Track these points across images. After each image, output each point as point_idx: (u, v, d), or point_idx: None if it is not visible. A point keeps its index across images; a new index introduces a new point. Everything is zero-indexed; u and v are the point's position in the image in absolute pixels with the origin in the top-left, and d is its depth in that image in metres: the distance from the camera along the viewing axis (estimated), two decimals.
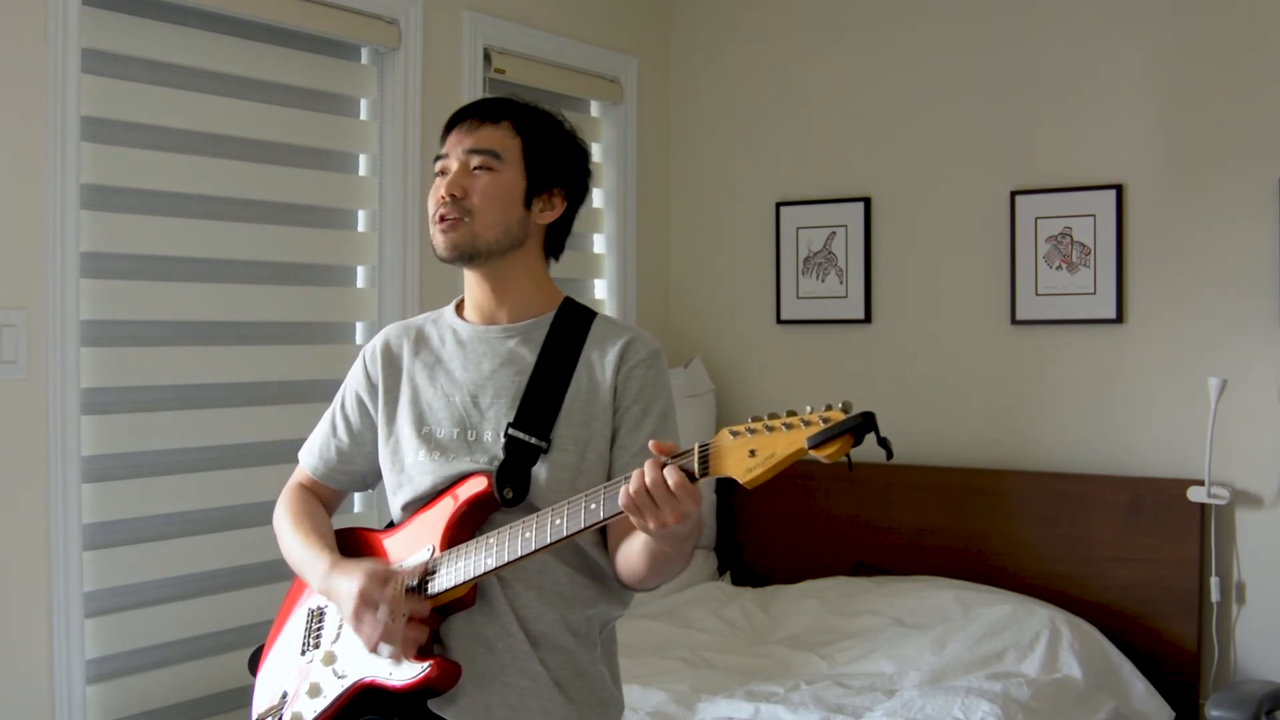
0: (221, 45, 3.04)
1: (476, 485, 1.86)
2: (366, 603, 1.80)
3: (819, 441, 1.53)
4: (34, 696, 2.64)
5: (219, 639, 3.02)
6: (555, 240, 2.02)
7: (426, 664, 1.79)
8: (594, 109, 4.20)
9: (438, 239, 1.92)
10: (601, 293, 4.24)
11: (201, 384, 3.02)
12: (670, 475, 1.61)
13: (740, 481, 1.60)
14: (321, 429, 2.11)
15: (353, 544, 2.00)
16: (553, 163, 1.96)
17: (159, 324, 2.95)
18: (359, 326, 3.41)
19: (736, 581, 4.15)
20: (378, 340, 2.07)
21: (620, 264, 4.22)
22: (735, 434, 1.60)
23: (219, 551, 3.03)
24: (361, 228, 3.43)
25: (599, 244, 4.23)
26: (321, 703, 1.89)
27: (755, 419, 1.60)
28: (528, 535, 1.75)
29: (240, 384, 3.10)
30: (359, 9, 3.28)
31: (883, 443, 1.53)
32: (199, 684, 2.98)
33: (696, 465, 1.62)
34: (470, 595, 1.83)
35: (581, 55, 4.02)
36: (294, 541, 2.01)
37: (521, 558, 1.76)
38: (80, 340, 2.73)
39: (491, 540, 1.79)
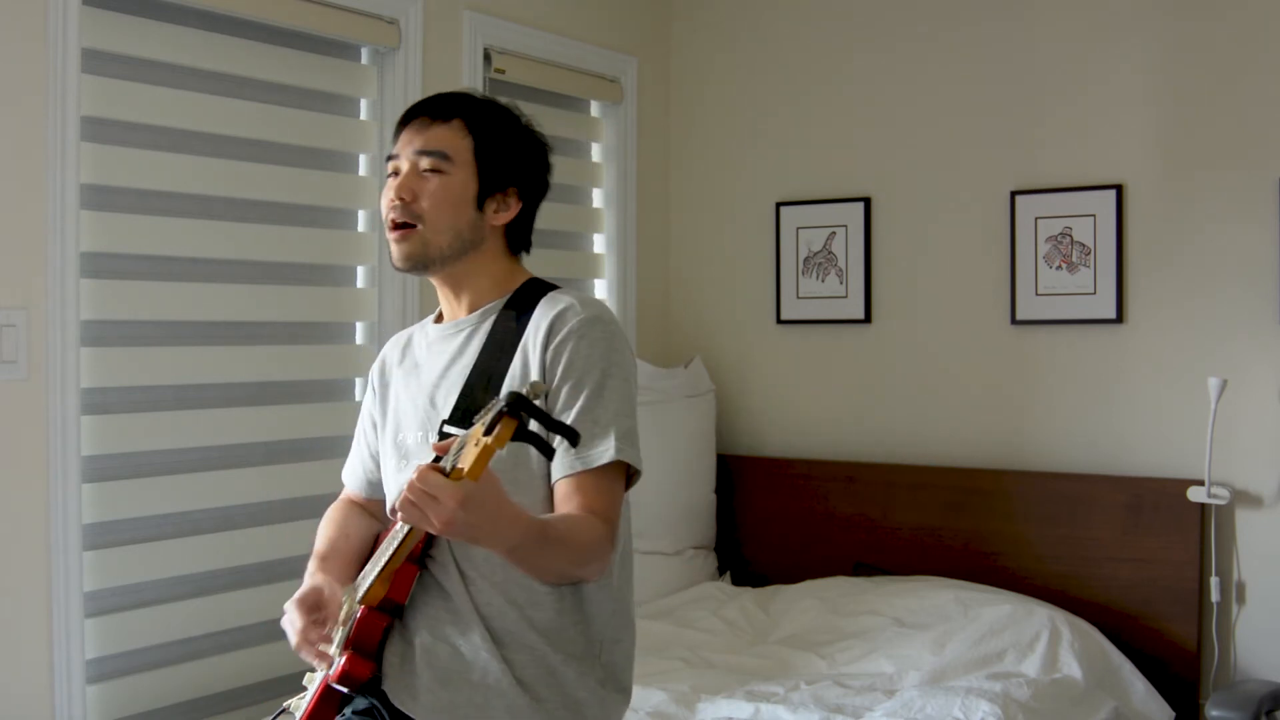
0: (221, 45, 3.03)
1: None
2: (286, 616, 1.87)
3: (488, 430, 1.55)
4: (34, 696, 2.64)
5: (219, 639, 3.02)
6: (517, 237, 1.98)
7: (343, 658, 1.82)
8: (594, 109, 4.20)
9: (393, 249, 1.90)
10: (601, 293, 4.23)
11: (201, 384, 3.02)
12: (416, 472, 1.59)
13: (468, 475, 1.58)
14: (353, 447, 2.16)
15: (376, 543, 2.04)
16: (506, 162, 1.92)
17: (159, 324, 2.95)
18: (359, 326, 3.41)
19: (736, 581, 4.15)
20: (379, 357, 2.10)
21: (620, 264, 4.21)
22: (474, 423, 1.62)
23: (219, 551, 3.02)
24: (361, 228, 3.43)
25: (599, 244, 4.23)
26: (307, 696, 1.94)
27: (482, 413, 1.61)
28: (398, 529, 1.75)
29: (240, 384, 3.10)
30: (359, 9, 3.28)
31: (548, 424, 1.56)
32: (199, 684, 2.98)
33: (450, 459, 1.61)
34: (398, 593, 1.83)
35: (581, 55, 4.02)
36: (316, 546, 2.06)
37: (395, 552, 1.75)
38: (80, 340, 2.72)
39: (386, 541, 1.80)
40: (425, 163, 1.88)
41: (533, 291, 1.94)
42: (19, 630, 2.63)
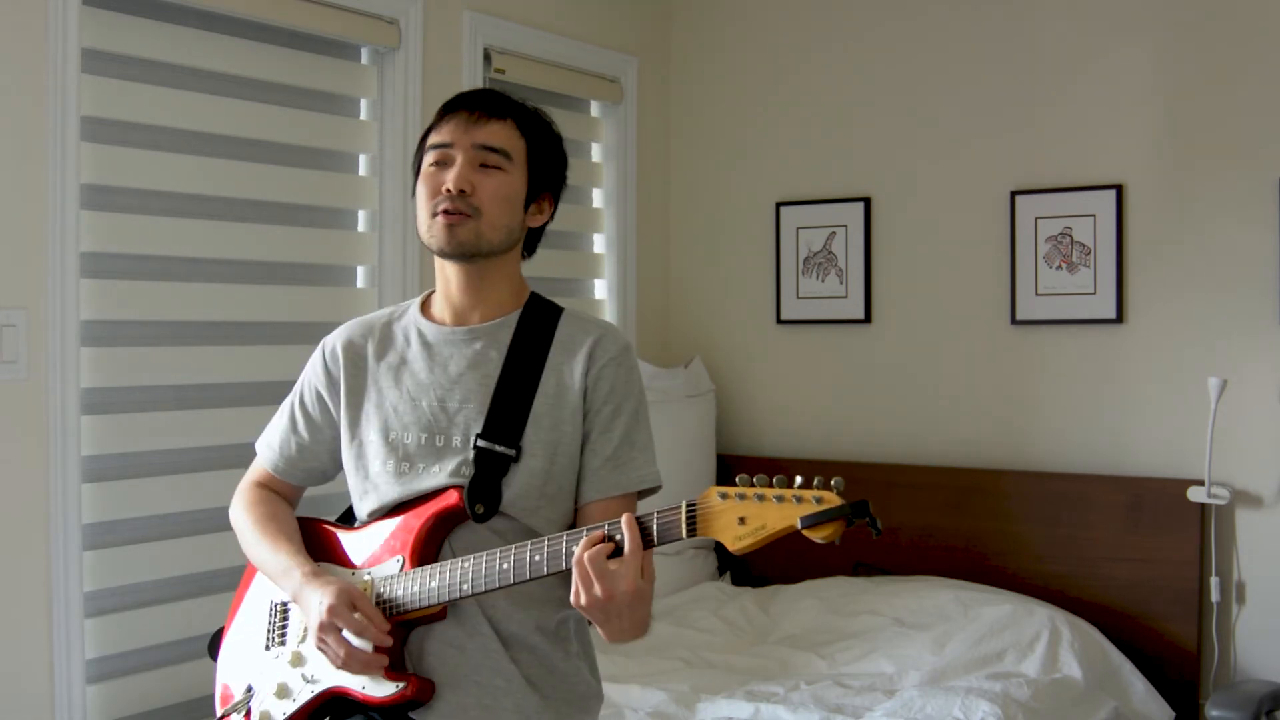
0: (221, 45, 3.03)
1: (447, 500, 1.85)
2: (332, 625, 1.79)
3: (811, 524, 1.54)
4: (34, 696, 2.64)
5: None
6: (532, 242, 2.01)
7: (401, 683, 1.79)
8: (594, 109, 4.20)
9: (439, 234, 1.88)
10: (601, 293, 4.24)
11: (201, 384, 3.02)
12: (629, 537, 1.63)
13: (729, 549, 1.60)
14: (279, 424, 2.09)
15: (315, 539, 1.99)
16: (551, 168, 1.96)
17: (159, 324, 2.95)
18: None
19: (736, 581, 4.15)
20: (338, 337, 2.04)
21: (620, 264, 4.21)
22: (724, 496, 1.60)
23: (219, 551, 3.02)
24: (361, 228, 3.43)
25: (599, 244, 4.23)
26: (290, 705, 1.89)
27: (746, 482, 1.60)
28: (504, 567, 1.74)
29: (240, 384, 3.10)
30: (359, 9, 3.28)
31: (872, 523, 1.55)
32: (199, 684, 2.97)
33: (684, 526, 1.62)
34: (442, 611, 1.82)
35: (581, 55, 4.02)
36: (261, 546, 1.99)
37: (496, 589, 1.76)
38: (80, 340, 2.72)
39: (466, 565, 1.78)
40: (486, 158, 1.88)
41: (542, 308, 1.96)
42: (19, 630, 2.63)
